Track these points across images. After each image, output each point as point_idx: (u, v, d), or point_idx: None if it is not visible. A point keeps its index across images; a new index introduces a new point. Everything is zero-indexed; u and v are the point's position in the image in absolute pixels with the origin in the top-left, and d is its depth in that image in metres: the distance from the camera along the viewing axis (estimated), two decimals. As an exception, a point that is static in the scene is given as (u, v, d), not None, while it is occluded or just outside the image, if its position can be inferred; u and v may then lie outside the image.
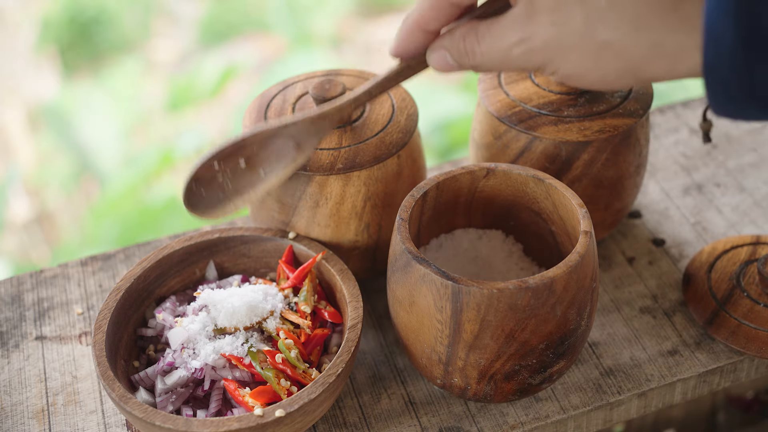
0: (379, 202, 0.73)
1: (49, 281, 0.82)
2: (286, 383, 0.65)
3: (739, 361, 0.73)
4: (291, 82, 0.79)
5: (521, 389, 0.67)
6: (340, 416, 0.71)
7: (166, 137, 2.32)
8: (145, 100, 2.41)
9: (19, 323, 0.79)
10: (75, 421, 0.71)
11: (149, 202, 2.07)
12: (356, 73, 0.79)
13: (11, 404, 0.73)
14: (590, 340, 0.75)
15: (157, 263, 0.73)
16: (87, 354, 0.76)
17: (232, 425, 0.61)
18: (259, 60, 2.59)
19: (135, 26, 2.66)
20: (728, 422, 1.04)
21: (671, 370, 0.73)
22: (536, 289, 0.61)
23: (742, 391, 1.03)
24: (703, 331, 0.75)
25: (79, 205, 2.27)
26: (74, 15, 2.60)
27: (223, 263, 0.76)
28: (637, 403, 0.72)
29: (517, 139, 0.74)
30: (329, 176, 0.71)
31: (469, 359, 0.64)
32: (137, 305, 0.72)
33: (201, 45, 2.66)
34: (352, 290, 0.70)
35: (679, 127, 0.97)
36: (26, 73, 2.55)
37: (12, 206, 2.23)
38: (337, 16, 2.55)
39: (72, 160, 2.25)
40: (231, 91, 2.48)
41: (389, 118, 0.74)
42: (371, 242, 0.75)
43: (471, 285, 0.61)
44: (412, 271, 0.64)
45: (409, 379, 0.73)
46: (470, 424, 0.69)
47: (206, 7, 2.76)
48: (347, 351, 0.65)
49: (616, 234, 0.85)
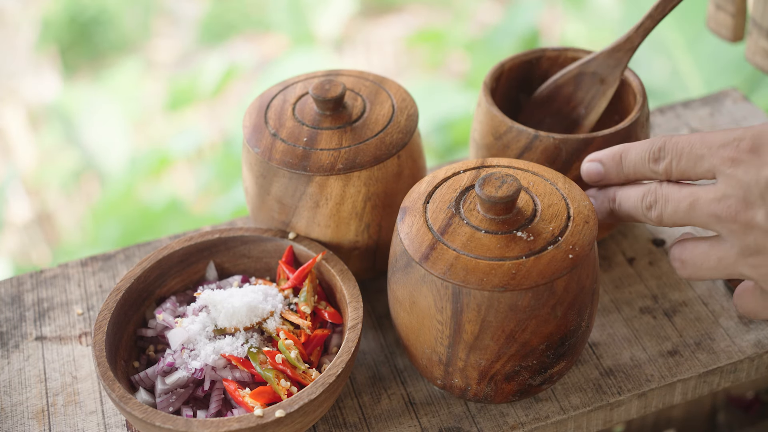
0: (379, 203, 0.73)
1: (49, 281, 0.82)
2: (286, 384, 0.65)
3: (739, 361, 0.73)
4: (291, 82, 0.79)
5: (521, 390, 0.67)
6: (340, 416, 0.71)
7: (166, 137, 2.32)
8: (145, 100, 2.41)
9: (19, 323, 0.79)
10: (75, 421, 0.71)
11: (149, 201, 2.07)
12: (356, 73, 0.79)
13: (11, 404, 0.73)
14: (590, 341, 0.75)
15: (157, 263, 0.73)
16: (87, 354, 0.76)
17: (232, 426, 0.61)
18: (259, 60, 2.59)
19: (135, 26, 2.66)
20: (728, 422, 1.04)
21: (671, 370, 0.73)
22: (536, 290, 0.61)
23: (742, 391, 1.03)
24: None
25: (80, 205, 2.27)
26: (74, 15, 2.60)
27: (223, 263, 0.76)
28: (637, 403, 0.72)
29: (517, 139, 0.74)
30: (329, 176, 0.71)
31: (470, 360, 0.64)
32: (137, 306, 0.72)
33: (201, 45, 2.66)
34: (352, 291, 0.70)
35: (679, 128, 0.97)
36: (26, 73, 2.55)
37: (12, 206, 2.23)
38: (337, 16, 2.55)
39: (72, 160, 2.25)
40: (231, 91, 2.48)
41: (389, 118, 0.74)
42: (371, 242, 0.75)
43: (471, 286, 0.61)
44: (412, 271, 0.64)
45: (409, 379, 0.73)
46: (470, 425, 0.69)
47: (206, 7, 2.76)
48: (347, 351, 0.65)
49: (617, 234, 0.85)
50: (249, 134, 0.74)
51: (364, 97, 0.76)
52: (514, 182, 0.64)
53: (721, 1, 0.97)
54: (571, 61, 0.82)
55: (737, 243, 0.59)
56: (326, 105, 0.73)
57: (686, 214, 0.62)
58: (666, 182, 0.64)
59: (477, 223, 0.64)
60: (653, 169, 0.64)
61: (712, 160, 0.59)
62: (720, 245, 0.61)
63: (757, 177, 0.57)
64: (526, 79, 0.83)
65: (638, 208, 0.65)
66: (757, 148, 0.58)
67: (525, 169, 0.69)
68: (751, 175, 0.57)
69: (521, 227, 0.64)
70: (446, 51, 2.52)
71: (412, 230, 0.65)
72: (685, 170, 0.62)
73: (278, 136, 0.73)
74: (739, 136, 0.59)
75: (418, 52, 2.57)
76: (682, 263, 0.64)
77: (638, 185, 0.66)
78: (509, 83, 0.83)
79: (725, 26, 0.97)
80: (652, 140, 0.64)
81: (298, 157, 0.71)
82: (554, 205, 0.65)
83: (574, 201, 0.66)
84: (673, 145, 0.62)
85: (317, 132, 0.73)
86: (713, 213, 0.59)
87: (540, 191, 0.67)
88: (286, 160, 0.71)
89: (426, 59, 2.53)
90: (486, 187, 0.64)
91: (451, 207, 0.66)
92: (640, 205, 0.65)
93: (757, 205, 0.57)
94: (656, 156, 0.63)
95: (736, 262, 0.60)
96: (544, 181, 0.68)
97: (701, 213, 0.60)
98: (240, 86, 2.49)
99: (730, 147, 0.59)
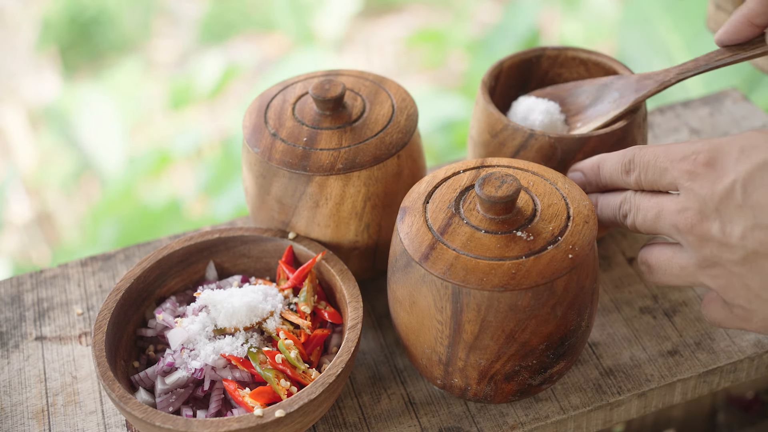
0: (379, 203, 0.73)
1: (49, 281, 0.82)
2: (286, 383, 0.65)
3: (739, 361, 0.73)
4: (291, 82, 0.79)
5: (521, 390, 0.67)
6: (340, 416, 0.71)
7: (166, 137, 2.32)
8: (145, 100, 2.41)
9: (19, 323, 0.79)
10: (75, 421, 0.71)
11: (149, 201, 2.07)
12: (356, 73, 0.79)
13: (11, 404, 0.73)
14: (590, 341, 0.75)
15: (157, 263, 0.73)
16: (87, 354, 0.76)
17: (232, 425, 0.61)
18: (259, 60, 2.59)
19: (135, 26, 2.66)
20: (728, 422, 1.04)
21: (671, 370, 0.73)
22: (536, 289, 0.61)
23: (742, 391, 1.03)
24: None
25: (79, 205, 2.27)
26: (74, 15, 2.60)
27: (223, 263, 0.76)
28: (637, 403, 0.72)
29: (513, 137, 0.74)
30: (329, 176, 0.71)
31: (470, 360, 0.64)
32: (137, 305, 0.72)
33: (201, 45, 2.66)
34: (352, 290, 0.70)
35: (679, 127, 0.97)
36: (26, 73, 2.55)
37: (12, 206, 2.23)
38: (339, 17, 2.55)
39: (72, 160, 2.25)
40: (231, 91, 2.48)
41: (389, 118, 0.74)
42: (371, 242, 0.75)
43: (471, 286, 0.61)
44: (412, 271, 0.64)
45: (409, 379, 0.73)
46: (470, 425, 0.69)
47: (206, 6, 2.76)
48: (347, 351, 0.65)
49: (616, 234, 0.85)
50: (249, 134, 0.74)
51: (363, 97, 0.76)
52: (513, 182, 0.64)
53: (721, 1, 0.97)
54: (571, 61, 0.82)
55: (695, 254, 0.60)
56: (326, 105, 0.73)
57: (653, 223, 0.63)
58: (640, 191, 0.65)
59: (477, 223, 0.64)
60: (625, 180, 0.65)
61: (673, 173, 0.61)
62: (682, 254, 0.62)
63: (711, 191, 0.58)
64: (525, 78, 0.83)
65: (616, 215, 0.67)
66: (713, 162, 0.59)
67: (525, 168, 0.69)
68: (706, 189, 0.58)
69: (521, 227, 0.64)
70: (446, 51, 2.52)
71: (412, 230, 0.65)
72: (652, 182, 0.63)
73: (278, 136, 0.73)
74: (697, 150, 0.60)
75: (418, 52, 2.57)
76: (648, 267, 0.65)
77: (617, 193, 0.67)
78: (508, 82, 0.83)
79: (725, 26, 0.97)
80: (624, 152, 0.66)
81: (298, 157, 0.71)
82: (554, 204, 0.65)
83: (573, 201, 0.66)
84: (641, 158, 0.64)
85: (317, 132, 0.73)
86: (674, 224, 0.61)
87: (540, 191, 0.67)
88: (285, 160, 0.71)
89: (426, 59, 2.54)
90: (486, 186, 0.64)
91: (451, 207, 0.66)
92: (618, 213, 0.67)
93: (711, 218, 0.58)
94: (627, 168, 0.65)
95: (696, 272, 0.61)
96: (544, 181, 0.68)
97: (665, 223, 0.62)
98: (240, 86, 2.49)
99: (688, 161, 0.60)
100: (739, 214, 0.57)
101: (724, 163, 0.58)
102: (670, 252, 0.63)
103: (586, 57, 0.82)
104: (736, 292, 0.60)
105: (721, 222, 0.58)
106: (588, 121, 0.77)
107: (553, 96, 0.80)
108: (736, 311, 0.61)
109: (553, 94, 0.80)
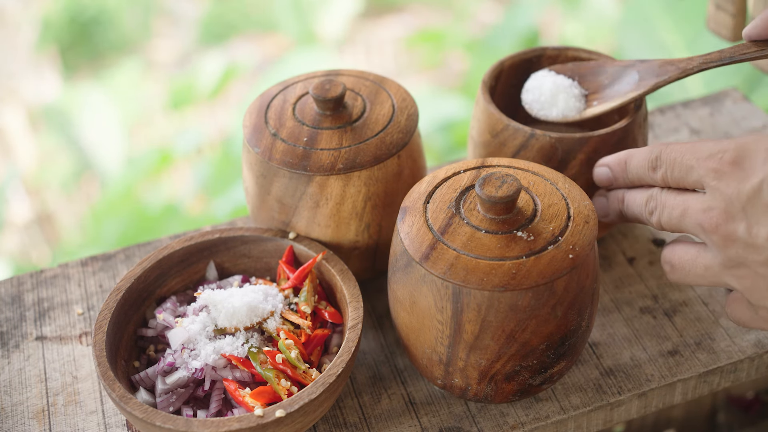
0: (379, 203, 0.73)
1: (49, 281, 0.82)
2: (286, 383, 0.65)
3: (739, 361, 0.73)
4: (291, 82, 0.79)
5: (522, 390, 0.67)
6: (341, 416, 0.71)
7: (166, 137, 2.32)
8: (145, 100, 2.41)
9: (19, 323, 0.79)
10: (75, 421, 0.71)
11: (149, 201, 2.07)
12: (356, 73, 0.79)
13: (11, 404, 0.73)
14: (590, 341, 0.75)
15: (157, 263, 0.73)
16: (87, 354, 0.76)
17: (233, 425, 0.61)
18: (259, 60, 2.59)
19: (135, 26, 2.66)
20: (728, 422, 1.04)
21: (671, 370, 0.73)
22: (537, 290, 0.61)
23: (742, 391, 1.03)
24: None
25: (79, 205, 2.27)
26: (74, 15, 2.60)
27: (224, 263, 0.76)
28: (638, 403, 0.72)
29: (514, 137, 0.74)
30: (329, 176, 0.71)
31: (470, 360, 0.64)
32: (137, 305, 0.72)
33: (201, 45, 2.66)
34: (353, 290, 0.70)
35: (679, 127, 0.97)
36: (26, 73, 2.55)
37: (12, 206, 2.23)
38: (340, 17, 2.55)
39: (72, 160, 2.25)
40: (231, 91, 2.48)
41: (389, 118, 0.74)
42: (371, 242, 0.75)
43: (471, 286, 0.61)
44: (412, 271, 0.64)
45: (410, 379, 0.73)
46: (470, 425, 0.69)
47: (206, 7, 2.76)
48: (347, 351, 0.65)
49: (617, 234, 0.85)
50: (249, 134, 0.74)
51: (364, 97, 0.76)
52: (514, 182, 0.64)
53: (721, 1, 0.97)
54: (572, 60, 0.82)
55: (720, 254, 0.60)
56: (326, 105, 0.73)
57: (679, 221, 0.62)
58: (666, 188, 0.64)
59: (477, 223, 0.64)
60: (652, 177, 0.65)
61: (700, 171, 0.60)
62: (706, 254, 0.61)
63: (738, 190, 0.57)
64: (526, 77, 0.83)
65: (642, 212, 0.66)
66: (740, 161, 0.58)
67: (525, 168, 0.69)
68: (732, 188, 0.58)
69: (521, 227, 0.64)
70: (446, 51, 2.52)
71: (413, 230, 0.65)
72: (678, 180, 0.63)
73: (278, 136, 0.73)
74: (723, 148, 0.59)
75: (418, 52, 2.57)
76: (672, 267, 0.65)
77: (644, 189, 0.67)
78: (509, 81, 0.83)
79: (725, 26, 0.97)
80: (651, 148, 0.65)
81: (299, 157, 0.71)
82: (554, 204, 0.65)
83: (574, 201, 0.66)
84: (667, 155, 0.63)
85: (317, 132, 0.73)
86: (699, 223, 0.60)
87: (540, 191, 0.67)
88: (286, 160, 0.71)
89: (426, 59, 2.53)
90: (486, 187, 0.64)
91: (452, 207, 0.66)
92: (644, 210, 0.66)
93: (738, 218, 0.58)
94: (654, 165, 0.64)
95: (721, 272, 0.60)
96: (544, 181, 0.68)
97: (690, 222, 0.61)
98: (240, 86, 2.49)
99: (714, 159, 0.59)
100: (766, 214, 0.56)
101: (752, 162, 0.57)
102: (695, 251, 0.62)
103: (587, 57, 0.81)
104: (762, 294, 0.59)
105: (747, 222, 0.57)
106: (605, 101, 0.76)
107: (573, 72, 0.80)
108: (761, 312, 0.61)
109: (573, 70, 0.80)
